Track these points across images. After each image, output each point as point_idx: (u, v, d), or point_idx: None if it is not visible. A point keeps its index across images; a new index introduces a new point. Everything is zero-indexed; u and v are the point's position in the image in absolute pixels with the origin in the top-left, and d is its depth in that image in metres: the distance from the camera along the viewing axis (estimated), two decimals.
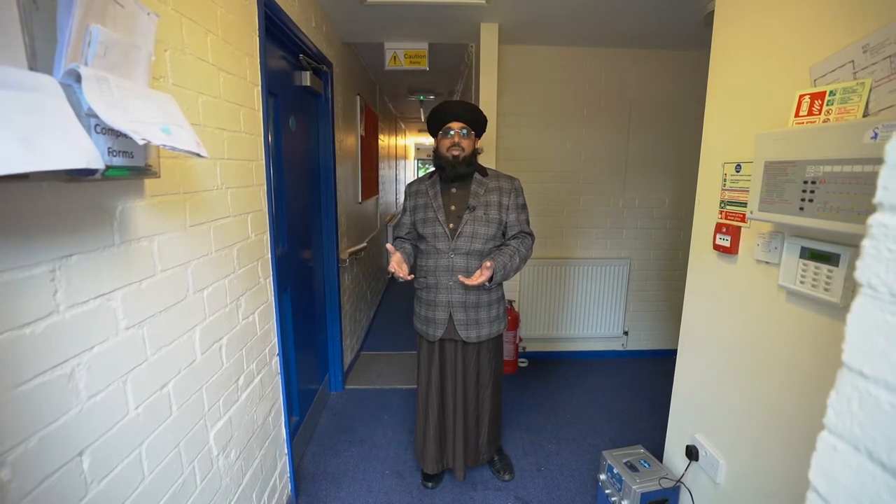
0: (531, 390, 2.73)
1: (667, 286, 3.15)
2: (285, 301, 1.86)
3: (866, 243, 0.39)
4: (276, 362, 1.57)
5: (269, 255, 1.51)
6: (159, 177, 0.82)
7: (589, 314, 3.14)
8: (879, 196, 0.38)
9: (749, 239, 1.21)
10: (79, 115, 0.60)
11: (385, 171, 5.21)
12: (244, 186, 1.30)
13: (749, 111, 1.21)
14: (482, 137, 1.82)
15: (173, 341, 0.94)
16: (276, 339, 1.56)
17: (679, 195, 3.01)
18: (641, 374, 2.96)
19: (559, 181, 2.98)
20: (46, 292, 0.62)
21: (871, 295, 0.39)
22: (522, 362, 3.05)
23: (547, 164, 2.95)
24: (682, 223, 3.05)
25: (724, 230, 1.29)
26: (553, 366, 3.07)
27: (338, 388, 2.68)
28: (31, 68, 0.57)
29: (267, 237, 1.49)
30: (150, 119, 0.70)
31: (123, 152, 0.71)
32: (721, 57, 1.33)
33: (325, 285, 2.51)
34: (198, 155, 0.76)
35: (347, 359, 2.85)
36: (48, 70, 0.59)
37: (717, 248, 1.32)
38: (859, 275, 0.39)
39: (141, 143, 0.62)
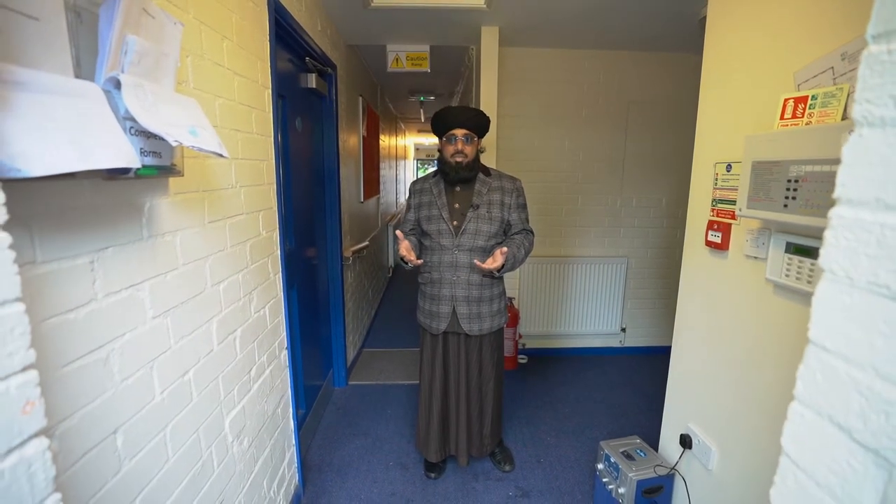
0: (531, 385, 2.79)
1: (663, 284, 3.21)
2: (293, 297, 1.91)
3: (827, 233, 0.45)
4: (284, 356, 1.63)
5: (279, 252, 1.56)
6: (183, 175, 0.87)
7: (587, 311, 3.19)
8: (837, 191, 0.44)
9: (739, 235, 1.27)
10: (117, 119, 0.66)
11: (385, 171, 5.27)
12: (256, 185, 1.35)
13: (739, 114, 1.27)
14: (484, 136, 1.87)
15: (193, 331, 1.00)
16: (284, 334, 1.62)
17: (676, 195, 3.07)
18: (638, 370, 3.02)
19: (558, 181, 3.04)
20: (87, 281, 0.67)
21: (831, 278, 0.45)
22: (522, 359, 3.11)
23: (546, 164, 3.01)
24: (678, 222, 3.11)
25: (716, 227, 1.34)
26: (552, 362, 3.12)
27: (341, 384, 2.74)
28: (76, 76, 0.62)
29: (276, 234, 1.54)
30: (180, 122, 0.75)
31: (153, 152, 0.77)
32: (713, 61, 1.39)
33: (329, 282, 2.56)
34: (220, 155, 0.82)
35: (350, 355, 2.90)
36: (90, 77, 0.64)
37: (709, 244, 1.38)
38: (822, 261, 0.45)
39: (174, 144, 0.67)
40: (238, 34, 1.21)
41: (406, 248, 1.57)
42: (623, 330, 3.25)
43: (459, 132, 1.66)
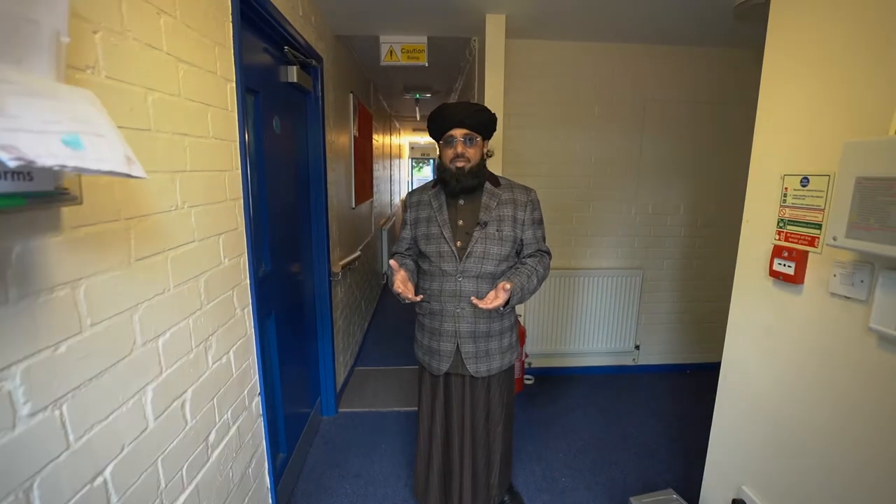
0: (539, 411, 2.53)
1: (680, 297, 2.97)
2: (269, 327, 1.63)
3: None
4: (256, 403, 1.36)
5: (248, 280, 1.29)
6: (80, 202, 0.60)
7: (598, 327, 2.94)
8: None
9: (820, 267, 1.02)
10: None
11: (379, 172, 4.98)
12: (214, 203, 1.08)
13: (820, 114, 1.02)
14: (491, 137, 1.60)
15: (111, 414, 0.72)
16: (256, 378, 1.34)
17: (695, 201, 2.82)
18: (654, 392, 2.78)
19: (568, 186, 2.78)
20: None
21: None
22: (528, 379, 2.85)
23: (555, 168, 2.75)
24: (697, 231, 2.86)
25: (786, 254, 1.09)
26: (561, 382, 2.87)
27: (330, 413, 2.46)
28: None
29: (244, 259, 1.27)
30: (48, 126, 0.48)
31: (14, 174, 0.50)
32: (778, 50, 1.14)
33: (316, 301, 2.29)
34: (127, 175, 0.55)
35: (340, 378, 2.63)
36: None
37: (774, 274, 1.13)
38: None
39: (12, 164, 0.40)
40: (183, 9, 0.93)
41: (402, 280, 1.30)
42: (637, 347, 3.00)
43: (459, 132, 1.38)
